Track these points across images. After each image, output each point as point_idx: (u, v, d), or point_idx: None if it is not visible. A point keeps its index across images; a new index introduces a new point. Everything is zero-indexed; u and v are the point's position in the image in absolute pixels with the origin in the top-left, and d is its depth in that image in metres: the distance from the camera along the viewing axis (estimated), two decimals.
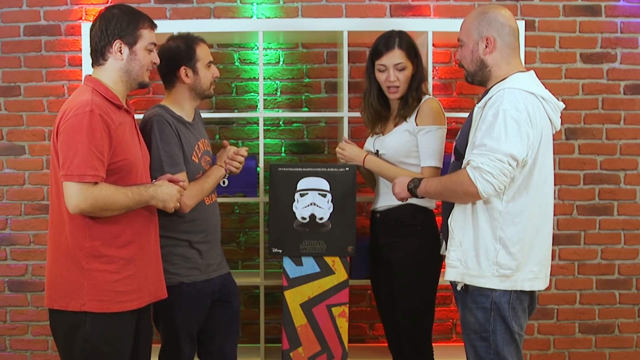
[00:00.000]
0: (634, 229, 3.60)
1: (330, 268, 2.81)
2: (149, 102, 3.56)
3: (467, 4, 3.54)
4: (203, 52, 2.59)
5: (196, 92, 2.60)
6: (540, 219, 2.18)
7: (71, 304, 2.09)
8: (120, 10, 2.20)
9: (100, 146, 2.03)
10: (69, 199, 2.02)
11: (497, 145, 2.04)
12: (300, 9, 3.54)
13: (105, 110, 2.08)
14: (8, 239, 3.59)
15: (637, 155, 3.59)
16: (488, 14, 2.22)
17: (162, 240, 2.45)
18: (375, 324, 3.63)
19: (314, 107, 3.60)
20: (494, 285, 2.14)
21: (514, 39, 2.22)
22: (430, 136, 2.63)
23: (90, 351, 2.09)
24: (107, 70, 2.20)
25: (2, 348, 3.62)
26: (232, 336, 2.72)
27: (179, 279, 2.51)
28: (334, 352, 2.82)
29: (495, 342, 2.15)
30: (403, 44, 2.71)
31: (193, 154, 2.57)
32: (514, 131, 2.04)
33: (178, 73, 2.55)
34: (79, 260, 2.09)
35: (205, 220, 2.61)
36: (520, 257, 2.13)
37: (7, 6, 3.52)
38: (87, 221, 2.09)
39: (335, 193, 2.78)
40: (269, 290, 3.47)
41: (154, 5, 3.52)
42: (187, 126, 2.58)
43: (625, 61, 3.56)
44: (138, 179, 2.21)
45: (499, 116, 2.05)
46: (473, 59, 2.25)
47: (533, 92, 2.12)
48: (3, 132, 3.57)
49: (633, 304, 3.63)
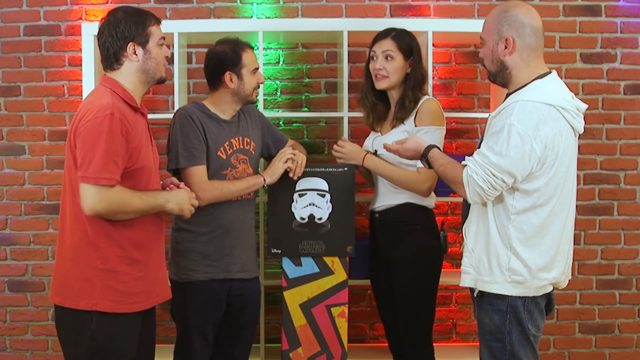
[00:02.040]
0: (634, 229, 3.60)
1: (330, 268, 2.81)
2: (150, 102, 3.57)
3: (467, 4, 3.54)
4: (249, 58, 2.63)
5: (239, 97, 2.64)
6: (554, 227, 2.13)
7: (82, 303, 2.10)
8: (124, 12, 2.20)
9: (117, 150, 2.05)
10: (84, 200, 2.04)
11: (497, 159, 2.03)
12: (300, 9, 3.54)
13: (125, 114, 2.10)
14: (8, 239, 3.59)
15: (637, 155, 3.59)
16: (508, 12, 2.13)
17: (181, 234, 2.54)
18: (375, 324, 3.63)
19: (314, 107, 3.60)
20: (507, 291, 2.11)
21: (535, 39, 2.13)
22: (428, 137, 2.61)
23: (96, 349, 2.10)
24: (123, 73, 2.20)
25: (2, 348, 3.62)
26: (245, 342, 2.74)
27: (195, 276, 2.54)
28: (333, 353, 2.82)
29: (511, 344, 2.13)
30: (397, 36, 2.72)
31: (220, 150, 2.60)
32: (517, 147, 2.01)
33: (223, 77, 2.60)
34: (93, 260, 2.11)
35: (229, 215, 2.63)
36: (531, 263, 2.10)
37: (7, 6, 3.53)
38: (104, 222, 2.10)
39: (334, 193, 2.78)
40: (269, 290, 3.47)
41: (154, 5, 3.53)
42: (220, 123, 2.62)
43: (625, 61, 3.56)
44: (151, 182, 2.23)
45: (504, 130, 2.02)
46: (493, 59, 2.19)
47: (550, 103, 2.05)
48: (3, 132, 3.57)
49: (633, 304, 3.62)
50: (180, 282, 2.58)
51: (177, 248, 2.61)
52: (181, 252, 2.59)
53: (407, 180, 2.66)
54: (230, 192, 2.57)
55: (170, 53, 2.33)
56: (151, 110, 3.56)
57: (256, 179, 2.65)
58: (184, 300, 2.53)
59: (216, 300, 2.60)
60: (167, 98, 3.58)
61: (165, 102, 3.59)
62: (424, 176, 2.62)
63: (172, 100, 3.44)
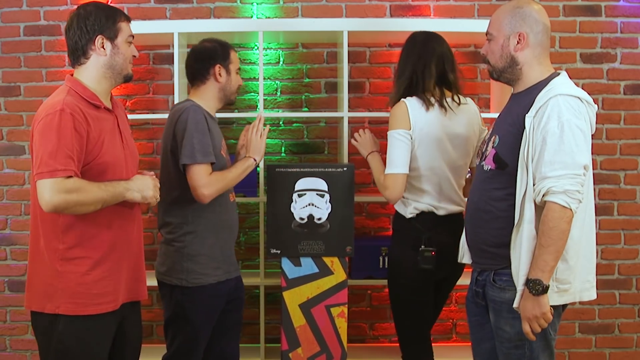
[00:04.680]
0: (634, 229, 3.59)
1: (329, 268, 2.81)
2: (149, 102, 3.57)
3: (467, 4, 3.54)
4: (235, 57, 2.68)
5: (224, 93, 2.65)
6: (589, 227, 2.11)
7: (47, 306, 2.08)
8: (94, 6, 2.17)
9: (70, 144, 1.99)
10: (41, 196, 1.98)
11: (572, 159, 1.96)
12: (300, 9, 3.54)
13: (78, 109, 2.05)
14: (8, 239, 3.59)
15: (637, 155, 3.58)
16: (523, 8, 2.12)
17: (188, 237, 2.50)
18: (375, 324, 3.63)
19: (314, 107, 3.60)
20: (554, 301, 2.05)
21: (546, 38, 2.13)
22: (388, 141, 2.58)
23: (62, 352, 2.08)
24: (89, 69, 2.16)
25: (2, 348, 3.62)
26: (235, 337, 2.73)
27: (206, 279, 2.53)
28: (333, 353, 2.82)
29: (531, 350, 2.10)
30: None
31: (222, 149, 2.61)
32: (582, 140, 1.99)
33: (213, 70, 2.60)
34: (53, 262, 2.08)
35: (232, 216, 2.64)
36: (577, 268, 2.07)
37: (7, 6, 3.53)
38: (60, 223, 2.07)
39: (334, 193, 2.78)
40: (269, 290, 3.47)
41: (154, 5, 3.53)
42: (215, 122, 2.63)
43: (625, 61, 3.55)
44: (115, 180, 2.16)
45: (564, 128, 1.97)
46: (503, 54, 2.15)
47: (579, 96, 2.04)
48: (3, 132, 3.57)
49: (633, 304, 3.62)
50: (190, 287, 2.52)
51: (183, 252, 2.53)
52: (189, 257, 2.52)
53: (377, 183, 2.65)
54: (231, 181, 2.54)
55: (137, 53, 2.28)
56: (151, 111, 3.57)
57: (247, 161, 2.60)
58: (194, 305, 2.50)
59: (222, 300, 2.59)
60: (167, 98, 3.58)
61: (165, 102, 3.59)
62: (386, 182, 2.56)
63: (172, 100, 3.44)
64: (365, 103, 3.58)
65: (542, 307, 2.00)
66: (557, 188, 1.95)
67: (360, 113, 3.46)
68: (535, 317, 2.01)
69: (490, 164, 2.18)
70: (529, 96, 2.11)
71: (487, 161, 2.20)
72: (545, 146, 1.99)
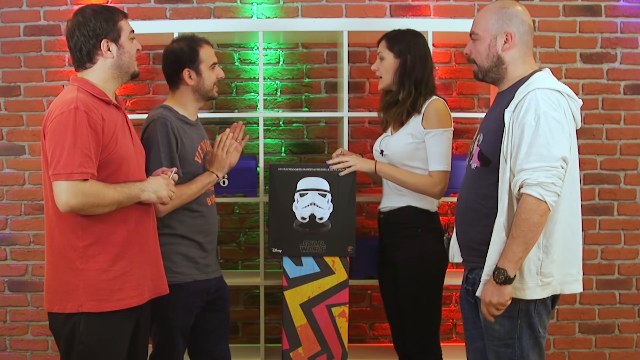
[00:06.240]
0: (634, 229, 3.60)
1: (330, 268, 2.81)
2: (149, 102, 3.57)
3: (467, 4, 3.54)
4: (206, 53, 2.59)
5: (200, 94, 2.61)
6: (573, 220, 2.11)
7: (68, 306, 2.08)
8: (92, 10, 2.18)
9: (87, 142, 2.01)
10: (58, 197, 2.00)
11: (547, 151, 1.96)
12: (300, 9, 3.54)
13: (92, 107, 2.06)
14: (8, 239, 3.59)
15: (637, 155, 3.59)
16: (509, 9, 2.15)
17: (166, 238, 2.46)
18: (375, 324, 3.63)
19: (314, 107, 3.60)
20: (537, 295, 2.06)
21: (530, 38, 2.17)
22: (436, 140, 2.62)
23: (84, 352, 2.09)
24: (95, 71, 2.18)
25: (2, 348, 3.62)
26: (223, 336, 2.72)
27: (181, 277, 2.51)
28: (333, 352, 2.82)
29: (521, 349, 2.11)
30: (388, 35, 2.76)
31: (196, 155, 2.57)
32: (559, 133, 1.98)
33: (181, 75, 2.56)
34: (72, 261, 2.08)
35: (211, 220, 2.63)
36: (561, 261, 2.08)
37: (7, 6, 3.52)
38: (78, 221, 2.07)
39: (335, 193, 2.78)
40: (269, 290, 3.47)
41: (154, 5, 3.53)
42: (191, 127, 2.59)
43: (625, 61, 3.56)
44: (130, 174, 2.18)
45: (540, 120, 1.98)
46: (489, 54, 2.18)
47: (560, 90, 2.05)
48: (3, 132, 3.57)
49: (633, 304, 3.63)
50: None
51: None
52: (164, 255, 2.43)
53: (419, 183, 2.65)
54: (188, 197, 2.48)
55: (141, 46, 2.29)
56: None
57: (209, 176, 2.56)
58: (169, 302, 2.45)
59: (200, 299, 2.57)
60: (166, 98, 3.55)
61: None
62: (436, 179, 2.63)
63: None
64: (365, 103, 3.58)
65: (501, 297, 2.02)
66: (531, 180, 1.96)
67: (360, 113, 3.46)
68: (492, 304, 2.04)
69: (476, 162, 2.21)
70: (511, 93, 2.13)
71: (473, 159, 2.23)
72: (523, 139, 2.01)
